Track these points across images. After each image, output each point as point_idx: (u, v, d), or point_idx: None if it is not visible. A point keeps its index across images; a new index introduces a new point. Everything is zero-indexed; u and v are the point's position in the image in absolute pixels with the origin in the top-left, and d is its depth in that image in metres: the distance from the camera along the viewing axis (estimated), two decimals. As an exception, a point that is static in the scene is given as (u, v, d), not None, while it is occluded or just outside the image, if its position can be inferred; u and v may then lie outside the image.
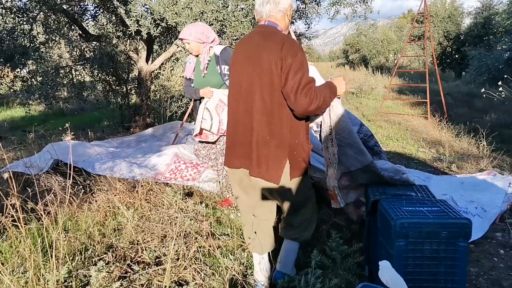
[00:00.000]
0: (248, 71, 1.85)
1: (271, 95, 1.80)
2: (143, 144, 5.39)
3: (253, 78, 1.83)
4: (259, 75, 1.81)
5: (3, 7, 5.19)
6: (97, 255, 2.30)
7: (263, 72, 1.79)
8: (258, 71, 1.81)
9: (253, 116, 1.86)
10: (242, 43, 1.95)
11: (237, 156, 1.96)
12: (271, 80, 1.78)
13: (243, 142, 1.92)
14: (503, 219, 3.12)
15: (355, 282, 2.14)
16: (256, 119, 1.85)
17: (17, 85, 5.82)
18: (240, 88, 1.90)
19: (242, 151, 1.94)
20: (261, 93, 1.82)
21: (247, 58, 1.87)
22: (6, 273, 1.93)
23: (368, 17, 5.40)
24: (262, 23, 1.91)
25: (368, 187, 2.28)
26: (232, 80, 1.97)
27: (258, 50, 1.82)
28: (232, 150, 1.99)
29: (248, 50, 1.88)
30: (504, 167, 4.39)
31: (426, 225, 1.75)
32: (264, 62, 1.78)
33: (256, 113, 1.84)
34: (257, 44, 1.85)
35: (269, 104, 1.82)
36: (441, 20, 15.77)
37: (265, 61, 1.78)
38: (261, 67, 1.79)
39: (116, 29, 6.29)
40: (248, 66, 1.86)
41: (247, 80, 1.86)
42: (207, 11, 3.98)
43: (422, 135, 6.28)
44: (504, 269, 2.44)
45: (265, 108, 1.83)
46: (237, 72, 1.93)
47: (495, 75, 9.07)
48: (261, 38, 1.86)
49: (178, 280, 2.10)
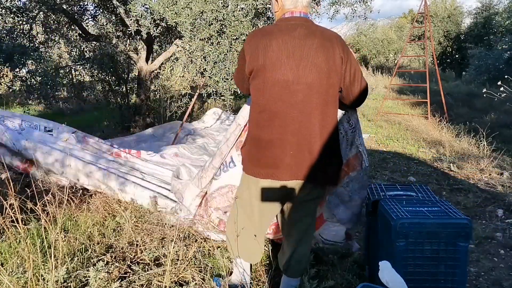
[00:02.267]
0: (292, 66, 1.66)
1: (326, 92, 1.69)
2: (143, 144, 5.39)
3: (305, 74, 1.66)
4: (316, 71, 1.66)
5: (3, 7, 5.19)
6: (96, 255, 2.30)
7: (320, 69, 1.66)
8: (312, 67, 1.65)
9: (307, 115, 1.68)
10: (279, 36, 1.67)
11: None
12: (327, 78, 1.67)
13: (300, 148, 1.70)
14: (503, 219, 3.12)
15: (355, 282, 2.14)
16: (304, 116, 1.68)
17: (17, 85, 5.81)
18: (287, 86, 1.66)
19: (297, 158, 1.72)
20: (317, 91, 1.67)
21: (290, 51, 1.65)
22: (5, 274, 1.92)
23: (368, 17, 5.39)
24: (297, 15, 1.73)
25: (368, 187, 2.28)
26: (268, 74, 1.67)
27: (313, 43, 1.66)
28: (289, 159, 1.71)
29: (290, 42, 1.66)
30: (504, 167, 4.38)
31: (426, 225, 1.75)
32: (324, 60, 1.65)
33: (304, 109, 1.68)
34: (306, 35, 1.67)
35: (324, 102, 1.70)
36: (441, 20, 15.75)
37: (325, 59, 1.65)
38: (318, 64, 1.65)
39: (116, 29, 6.29)
40: (294, 60, 1.65)
41: (296, 76, 1.66)
42: (207, 11, 3.97)
43: (422, 135, 6.28)
44: (504, 269, 2.44)
45: (322, 105, 1.70)
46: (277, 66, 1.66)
47: (495, 75, 9.06)
48: (310, 31, 1.69)
49: (178, 281, 2.10)
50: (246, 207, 1.88)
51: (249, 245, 1.94)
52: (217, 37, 4.10)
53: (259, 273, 2.27)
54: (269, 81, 1.67)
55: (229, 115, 7.47)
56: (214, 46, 4.08)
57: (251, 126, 1.81)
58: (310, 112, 1.68)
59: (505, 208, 3.33)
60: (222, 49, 4.05)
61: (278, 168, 1.70)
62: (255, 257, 2.03)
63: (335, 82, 1.70)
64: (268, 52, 1.65)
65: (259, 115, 1.73)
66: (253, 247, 1.95)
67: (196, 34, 4.05)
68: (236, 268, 2.04)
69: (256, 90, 1.72)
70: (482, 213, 3.29)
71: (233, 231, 1.91)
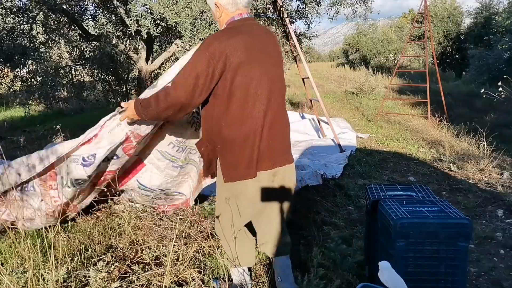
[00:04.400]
0: (262, 62, 1.79)
1: (283, 83, 1.91)
2: (143, 144, 5.38)
3: (270, 69, 1.82)
4: (273, 66, 1.85)
5: (3, 7, 5.19)
6: (96, 255, 2.30)
7: (278, 63, 1.88)
8: (274, 62, 1.85)
9: (275, 106, 1.83)
10: (243, 36, 1.76)
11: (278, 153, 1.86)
12: (282, 71, 1.91)
13: (274, 138, 1.83)
14: (503, 219, 3.12)
15: (355, 282, 2.14)
16: (277, 109, 1.83)
17: (17, 85, 5.82)
18: (262, 81, 1.78)
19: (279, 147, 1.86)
20: (280, 83, 1.87)
21: (257, 48, 1.78)
22: (6, 273, 1.93)
23: (368, 17, 5.41)
24: (246, 16, 1.83)
25: (368, 187, 2.28)
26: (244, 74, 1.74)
27: (269, 40, 1.86)
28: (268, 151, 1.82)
29: (254, 41, 1.79)
30: (504, 167, 4.39)
31: (427, 225, 1.75)
32: (278, 54, 1.88)
33: (276, 103, 1.83)
34: (262, 34, 1.85)
35: (283, 92, 1.91)
36: (441, 20, 15.76)
37: (278, 53, 1.88)
38: (277, 58, 1.87)
39: (116, 29, 6.29)
40: (261, 57, 1.79)
41: (264, 72, 1.79)
42: (207, 11, 3.97)
43: (422, 135, 6.28)
44: (504, 269, 2.44)
45: (282, 96, 1.90)
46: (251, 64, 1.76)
47: (495, 75, 9.06)
48: (261, 28, 1.89)
49: (178, 281, 2.10)
50: (238, 215, 1.86)
51: (245, 249, 2.01)
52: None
53: (259, 273, 2.28)
54: (243, 79, 1.73)
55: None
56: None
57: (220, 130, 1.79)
58: (280, 102, 1.86)
59: (505, 208, 3.33)
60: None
61: (264, 161, 1.80)
62: (252, 259, 2.09)
63: (283, 73, 1.94)
64: (238, 51, 1.71)
65: (234, 114, 1.75)
66: (249, 249, 2.04)
67: (196, 34, 4.05)
68: (234, 275, 2.05)
69: (231, 88, 1.73)
70: (482, 213, 3.29)
71: (230, 241, 1.92)
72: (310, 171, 4.10)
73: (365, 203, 2.35)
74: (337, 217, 3.15)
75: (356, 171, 4.42)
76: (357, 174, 4.34)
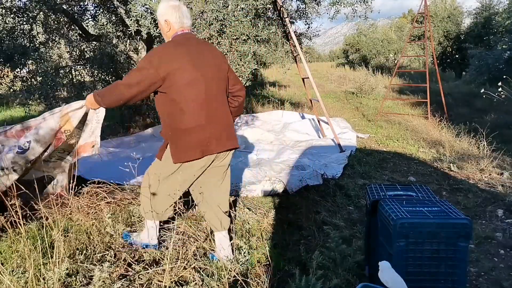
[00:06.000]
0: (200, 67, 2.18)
1: (224, 83, 2.32)
2: (143, 144, 5.39)
3: (208, 72, 2.20)
4: (215, 68, 2.25)
5: (3, 7, 5.19)
6: (97, 254, 2.30)
7: (218, 67, 2.27)
8: (212, 65, 2.24)
9: (216, 101, 2.24)
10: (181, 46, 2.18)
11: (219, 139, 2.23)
12: (224, 73, 2.32)
13: (217, 125, 2.22)
14: (503, 219, 3.12)
15: (355, 282, 2.14)
16: (218, 104, 2.25)
17: (17, 85, 5.82)
18: (200, 80, 2.17)
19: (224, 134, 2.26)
20: (219, 83, 2.27)
21: (195, 57, 2.18)
22: (6, 273, 1.93)
23: (368, 17, 5.40)
24: (187, 31, 2.27)
25: (368, 187, 2.28)
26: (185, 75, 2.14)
27: (206, 49, 2.28)
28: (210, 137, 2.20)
29: (192, 51, 2.19)
30: (504, 167, 4.39)
31: (427, 225, 1.75)
32: (217, 60, 2.29)
33: (217, 98, 2.25)
34: (199, 45, 2.28)
35: (224, 91, 2.32)
36: (441, 20, 15.75)
37: (218, 59, 2.30)
38: (216, 63, 2.27)
39: (116, 29, 6.29)
40: (199, 63, 2.18)
41: (202, 75, 2.18)
42: (207, 11, 3.97)
43: (422, 135, 6.28)
44: (504, 269, 2.44)
45: (223, 93, 2.31)
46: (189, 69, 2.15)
47: (495, 75, 9.06)
48: (199, 41, 2.37)
49: (178, 280, 2.10)
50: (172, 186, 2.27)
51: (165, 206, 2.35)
52: (217, 37, 4.10)
53: (258, 273, 2.28)
54: (187, 80, 2.13)
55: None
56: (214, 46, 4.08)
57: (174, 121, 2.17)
58: (220, 98, 2.28)
59: (505, 208, 3.34)
60: (223, 49, 4.06)
61: (210, 145, 2.20)
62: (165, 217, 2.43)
63: (223, 76, 2.32)
64: (181, 59, 2.13)
65: (183, 108, 2.14)
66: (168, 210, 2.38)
67: (196, 34, 4.05)
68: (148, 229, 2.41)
69: (174, 89, 2.12)
70: (482, 213, 3.29)
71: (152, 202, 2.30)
72: (310, 171, 4.10)
73: (365, 203, 2.35)
74: (337, 217, 3.16)
75: (356, 171, 4.42)
76: (357, 174, 4.34)
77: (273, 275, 2.18)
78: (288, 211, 3.26)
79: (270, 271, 2.16)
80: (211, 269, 2.19)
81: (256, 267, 2.32)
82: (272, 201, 3.48)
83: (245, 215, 3.02)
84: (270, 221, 3.00)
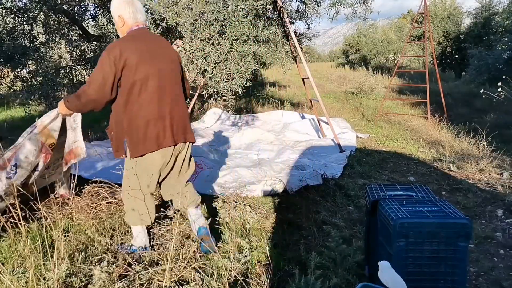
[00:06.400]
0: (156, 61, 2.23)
1: (179, 77, 2.40)
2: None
3: (164, 66, 2.26)
4: (171, 62, 2.33)
5: (3, 7, 5.19)
6: (97, 254, 2.30)
7: (173, 61, 2.36)
8: (167, 59, 2.31)
9: (171, 95, 2.29)
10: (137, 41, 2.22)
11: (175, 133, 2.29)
12: (178, 67, 2.41)
13: (173, 118, 2.28)
14: (503, 219, 3.13)
15: (355, 282, 2.14)
16: (173, 97, 2.31)
17: (17, 85, 5.82)
18: (156, 74, 2.21)
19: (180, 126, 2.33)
20: (174, 77, 2.35)
21: (151, 51, 2.23)
22: (6, 273, 1.93)
23: (368, 17, 5.41)
24: (141, 26, 2.30)
25: (368, 187, 2.28)
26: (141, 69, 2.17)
27: (161, 44, 2.33)
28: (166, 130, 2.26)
29: (148, 46, 2.23)
30: (504, 167, 4.39)
31: (426, 225, 1.75)
32: (171, 54, 2.37)
33: (172, 91, 2.30)
34: (154, 39, 2.32)
35: (179, 84, 2.40)
36: (441, 20, 15.74)
37: (172, 53, 2.38)
38: (170, 57, 2.35)
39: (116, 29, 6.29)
40: (155, 57, 2.23)
41: (158, 69, 2.23)
42: (207, 11, 3.98)
43: (422, 135, 6.28)
44: (504, 269, 2.44)
45: (178, 87, 2.38)
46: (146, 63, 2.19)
47: (495, 75, 9.05)
48: (154, 35, 2.41)
49: (178, 280, 2.10)
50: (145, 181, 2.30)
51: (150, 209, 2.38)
52: (218, 38, 4.10)
53: (258, 273, 2.28)
54: (144, 74, 2.16)
55: (229, 115, 7.48)
56: (214, 46, 4.09)
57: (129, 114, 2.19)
58: (176, 90, 2.35)
59: (504, 208, 3.34)
60: (223, 49, 4.06)
61: (166, 137, 2.25)
62: (151, 220, 2.43)
63: (178, 70, 2.41)
64: (135, 53, 2.15)
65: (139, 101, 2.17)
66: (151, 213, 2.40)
67: (197, 35, 4.06)
68: (138, 236, 2.39)
69: (130, 82, 2.15)
70: (482, 213, 3.29)
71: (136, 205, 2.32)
72: (310, 171, 4.10)
73: (365, 203, 2.35)
74: (337, 217, 3.16)
75: (356, 171, 4.42)
76: (357, 174, 4.34)
77: (273, 275, 2.19)
78: (288, 211, 3.27)
79: (270, 271, 2.16)
80: (211, 269, 2.19)
81: (256, 267, 2.32)
82: (272, 201, 3.49)
83: (245, 215, 3.02)
84: (270, 221, 3.00)
